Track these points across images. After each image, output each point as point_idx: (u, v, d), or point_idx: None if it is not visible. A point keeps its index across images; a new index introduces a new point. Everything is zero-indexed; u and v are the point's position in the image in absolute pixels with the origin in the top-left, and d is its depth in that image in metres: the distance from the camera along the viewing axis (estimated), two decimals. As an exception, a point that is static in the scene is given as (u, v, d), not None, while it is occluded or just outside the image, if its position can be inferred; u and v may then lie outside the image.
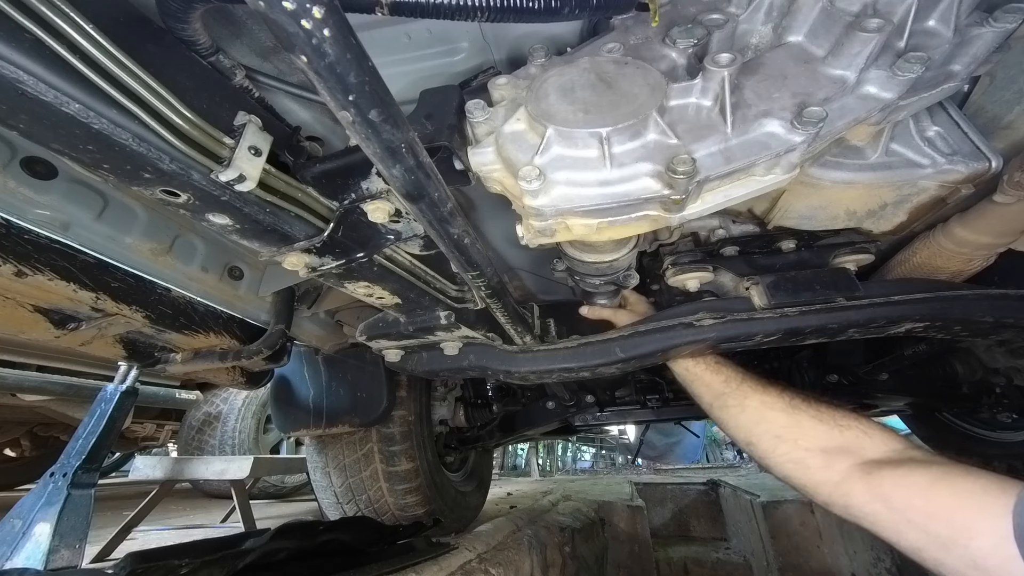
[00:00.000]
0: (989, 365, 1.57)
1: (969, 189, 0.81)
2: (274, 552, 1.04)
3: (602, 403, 2.26)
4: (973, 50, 0.66)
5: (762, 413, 0.90)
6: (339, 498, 1.86)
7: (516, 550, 1.69)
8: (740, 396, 0.94)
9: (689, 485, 4.35)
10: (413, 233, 0.81)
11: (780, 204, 0.90)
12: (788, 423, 0.86)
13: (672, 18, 0.71)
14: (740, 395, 0.95)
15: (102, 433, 1.51)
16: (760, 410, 0.90)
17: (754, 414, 0.91)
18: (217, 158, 0.59)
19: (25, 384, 2.61)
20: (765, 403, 0.90)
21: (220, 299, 1.15)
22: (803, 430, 0.84)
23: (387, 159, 0.46)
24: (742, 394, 0.94)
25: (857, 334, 0.99)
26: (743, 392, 0.95)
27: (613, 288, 1.06)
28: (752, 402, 0.92)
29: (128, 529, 2.13)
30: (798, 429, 0.85)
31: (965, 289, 0.96)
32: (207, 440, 3.82)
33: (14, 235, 0.80)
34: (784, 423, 0.86)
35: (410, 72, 0.83)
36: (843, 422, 0.82)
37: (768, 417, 0.89)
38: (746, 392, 0.94)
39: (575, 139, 0.59)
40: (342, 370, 1.67)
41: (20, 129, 0.51)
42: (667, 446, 9.53)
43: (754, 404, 0.92)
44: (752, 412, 0.92)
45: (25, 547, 1.28)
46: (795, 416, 0.86)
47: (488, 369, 1.16)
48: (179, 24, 0.62)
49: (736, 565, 3.42)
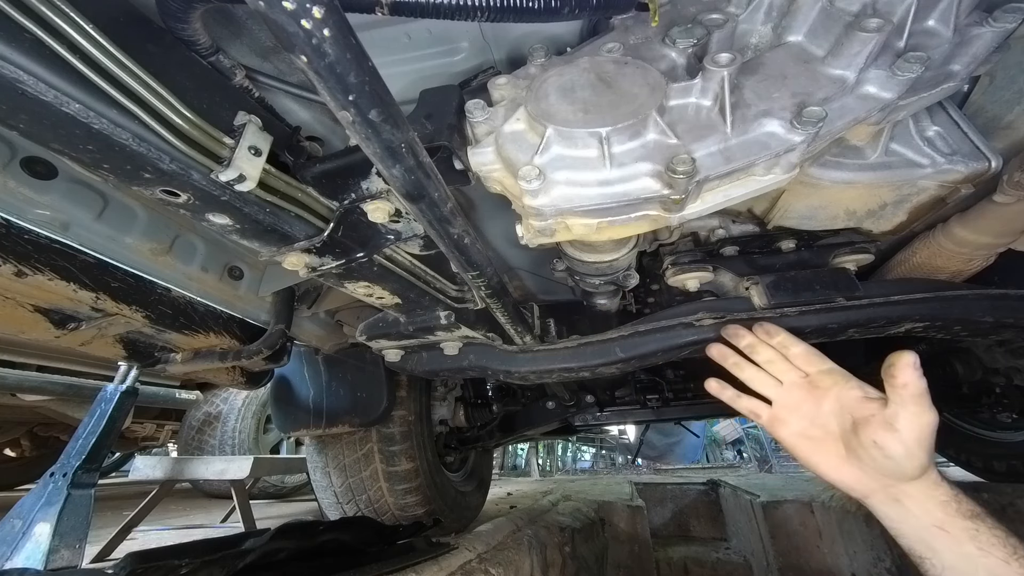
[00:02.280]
0: (989, 365, 1.57)
1: (969, 189, 0.81)
2: (274, 552, 1.04)
3: (602, 403, 2.26)
4: (973, 50, 0.66)
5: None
6: (339, 498, 1.86)
7: (516, 550, 1.69)
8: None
9: (689, 485, 4.35)
10: (413, 233, 0.81)
11: (780, 204, 0.90)
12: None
13: (672, 18, 0.71)
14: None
15: (102, 433, 1.52)
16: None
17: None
18: (217, 158, 0.59)
19: (25, 384, 2.61)
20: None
21: (220, 299, 1.15)
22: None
23: (387, 159, 0.46)
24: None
25: (857, 334, 0.99)
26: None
27: (613, 288, 1.06)
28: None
29: (128, 529, 2.13)
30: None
31: (965, 289, 0.96)
32: (207, 440, 3.82)
33: (14, 235, 0.80)
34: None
35: (410, 72, 0.83)
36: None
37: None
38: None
39: (575, 139, 0.59)
40: (342, 370, 1.67)
41: (20, 129, 0.51)
42: (667, 446, 9.53)
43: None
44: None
45: (25, 547, 1.28)
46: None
47: (488, 369, 1.17)
48: (179, 24, 0.62)
49: (736, 565, 3.42)
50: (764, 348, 0.87)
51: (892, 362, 0.70)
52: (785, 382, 0.83)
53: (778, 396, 0.84)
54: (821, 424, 0.77)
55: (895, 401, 0.69)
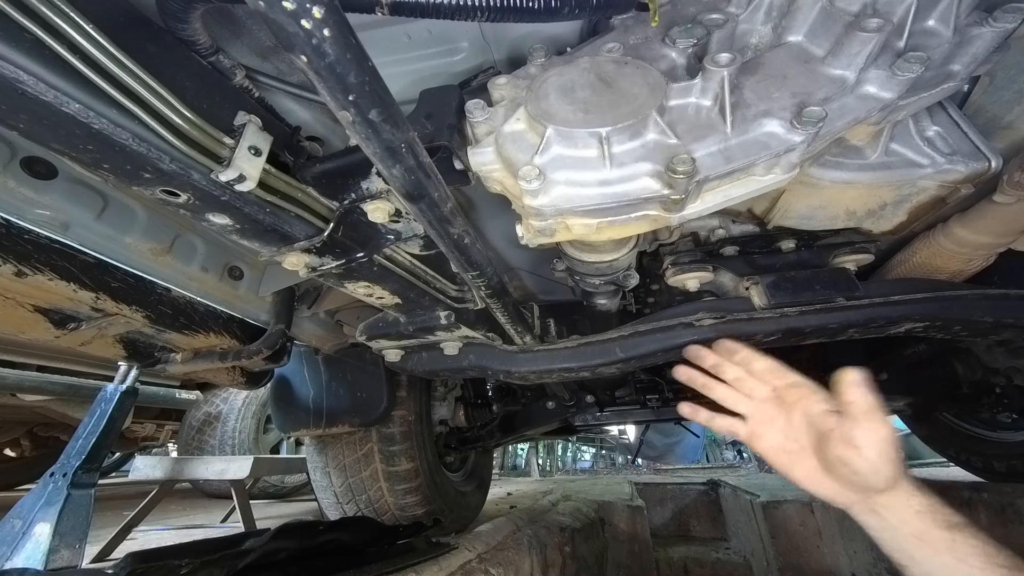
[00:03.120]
0: (989, 365, 1.57)
1: (969, 189, 0.81)
2: (274, 552, 1.04)
3: (602, 403, 2.26)
4: (973, 50, 0.66)
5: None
6: (339, 498, 1.86)
7: (516, 550, 1.69)
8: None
9: (689, 485, 4.34)
10: (413, 233, 0.81)
11: (780, 204, 0.90)
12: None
13: (672, 18, 0.71)
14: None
15: (102, 433, 1.52)
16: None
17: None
18: (217, 158, 0.59)
19: (25, 384, 2.61)
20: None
21: (220, 299, 1.15)
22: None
23: (387, 159, 0.46)
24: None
25: (857, 334, 0.99)
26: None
27: (613, 288, 1.06)
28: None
29: (128, 529, 2.12)
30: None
31: (965, 289, 0.96)
32: (207, 440, 3.81)
33: (14, 235, 0.80)
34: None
35: (410, 72, 0.83)
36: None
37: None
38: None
39: (575, 139, 0.59)
40: (342, 370, 1.67)
41: (20, 129, 0.51)
42: (667, 446, 9.53)
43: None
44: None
45: (25, 547, 1.28)
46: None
47: (488, 369, 1.17)
48: (179, 24, 0.62)
49: (736, 565, 3.41)
50: (729, 366, 0.87)
51: (837, 380, 0.71)
52: (755, 398, 0.83)
53: (751, 412, 0.84)
54: (795, 438, 0.78)
55: (847, 419, 0.69)
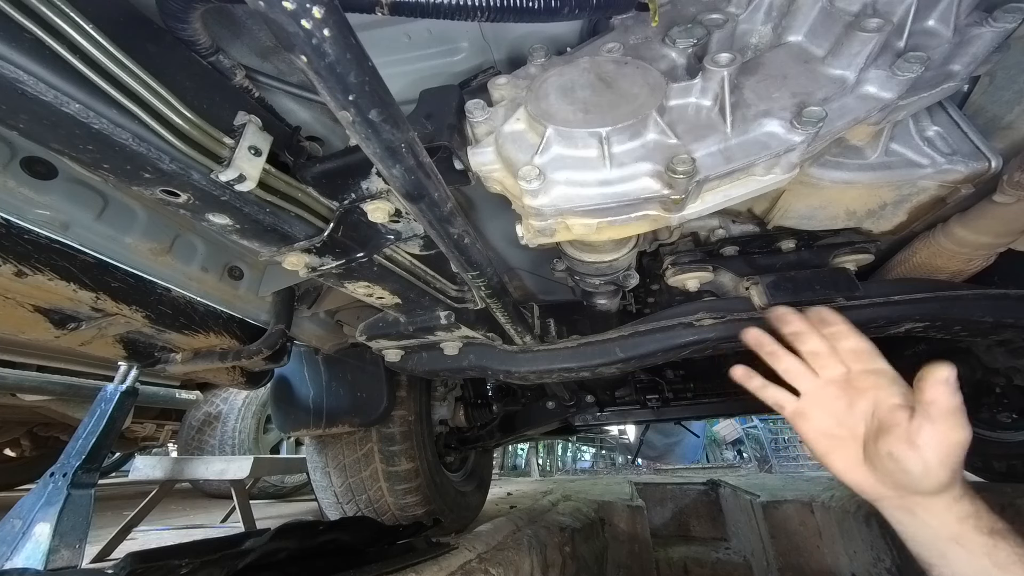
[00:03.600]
0: (989, 365, 1.57)
1: (969, 189, 0.81)
2: (274, 552, 1.04)
3: (602, 403, 2.26)
4: (973, 50, 0.66)
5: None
6: (339, 498, 1.86)
7: (516, 550, 1.69)
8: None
9: (689, 485, 4.35)
10: (413, 233, 0.81)
11: (780, 204, 0.90)
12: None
13: (672, 18, 0.71)
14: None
15: (102, 433, 1.52)
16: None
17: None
18: (217, 158, 0.59)
19: (25, 384, 2.61)
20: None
21: (220, 299, 1.15)
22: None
23: (387, 159, 0.46)
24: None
25: (857, 334, 0.99)
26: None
27: (613, 288, 1.06)
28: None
29: (128, 529, 2.13)
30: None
31: (965, 289, 0.96)
32: (207, 440, 3.82)
33: (14, 235, 0.80)
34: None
35: (410, 72, 0.83)
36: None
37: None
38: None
39: (575, 139, 0.59)
40: (342, 370, 1.67)
41: (20, 129, 0.51)
42: (667, 446, 9.54)
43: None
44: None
45: (25, 547, 1.28)
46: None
47: (488, 369, 1.17)
48: (179, 24, 0.62)
49: (736, 565, 3.42)
50: (812, 337, 0.79)
51: (922, 376, 0.66)
52: (822, 376, 0.78)
53: (810, 390, 0.78)
54: (849, 425, 0.74)
55: (921, 416, 0.66)
